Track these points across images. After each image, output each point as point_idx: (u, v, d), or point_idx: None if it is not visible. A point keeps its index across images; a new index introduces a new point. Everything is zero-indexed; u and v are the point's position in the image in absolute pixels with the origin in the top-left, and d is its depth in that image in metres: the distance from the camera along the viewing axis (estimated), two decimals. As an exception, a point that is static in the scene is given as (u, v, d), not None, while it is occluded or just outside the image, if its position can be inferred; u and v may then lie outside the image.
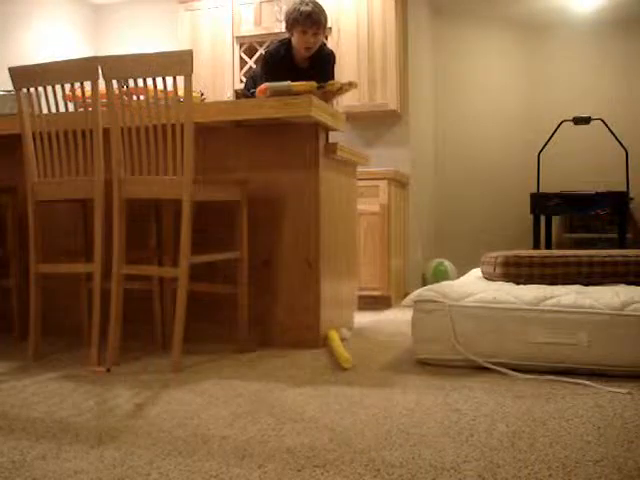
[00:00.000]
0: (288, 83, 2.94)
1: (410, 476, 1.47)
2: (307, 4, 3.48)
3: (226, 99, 5.21)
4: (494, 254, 3.06)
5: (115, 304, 2.70)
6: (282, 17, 4.19)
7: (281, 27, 4.64)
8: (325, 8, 3.60)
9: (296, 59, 3.63)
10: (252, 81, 3.91)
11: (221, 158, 3.18)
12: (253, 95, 3.59)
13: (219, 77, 5.37)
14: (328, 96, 3.22)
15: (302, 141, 3.08)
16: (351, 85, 3.22)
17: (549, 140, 5.46)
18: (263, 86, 3.00)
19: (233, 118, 2.96)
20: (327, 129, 3.17)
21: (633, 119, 5.96)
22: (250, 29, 5.30)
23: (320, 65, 3.66)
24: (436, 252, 6.14)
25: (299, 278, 3.09)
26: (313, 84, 2.99)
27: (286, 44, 3.62)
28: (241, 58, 5.35)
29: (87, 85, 2.71)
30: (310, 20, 3.46)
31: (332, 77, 3.69)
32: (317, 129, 3.06)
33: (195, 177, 2.63)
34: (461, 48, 6.34)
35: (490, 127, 6.32)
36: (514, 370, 2.46)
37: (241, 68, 5.35)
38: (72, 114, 2.80)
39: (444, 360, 2.59)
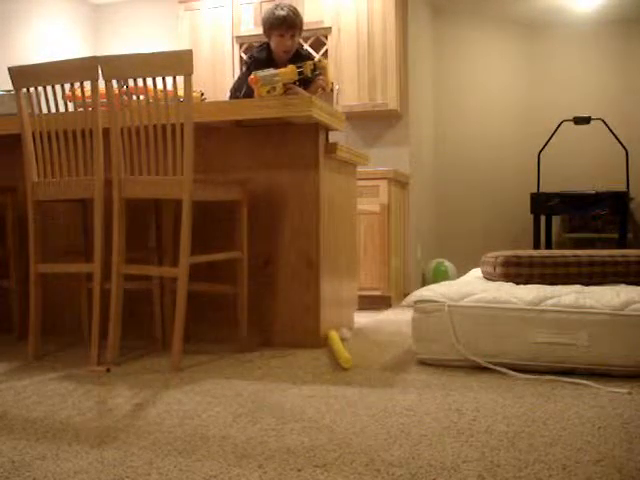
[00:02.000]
0: (274, 71, 3.16)
1: (410, 476, 1.46)
2: (282, 8, 3.59)
3: (226, 99, 5.21)
4: (494, 254, 3.06)
5: (115, 304, 2.70)
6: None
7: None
8: (325, 8, 3.62)
9: (276, 60, 3.72)
10: (238, 90, 3.94)
11: (221, 158, 3.18)
12: (246, 97, 3.63)
13: (219, 77, 5.37)
14: (314, 88, 3.49)
15: (302, 141, 3.08)
16: (321, 61, 3.50)
17: (549, 140, 5.46)
18: (252, 76, 3.13)
19: (233, 118, 2.96)
20: (327, 129, 3.17)
21: (633, 119, 5.96)
22: (250, 29, 5.30)
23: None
24: (436, 252, 6.14)
25: (299, 278, 3.09)
26: (293, 67, 3.21)
27: (266, 47, 3.75)
28: (241, 58, 5.34)
29: (87, 85, 2.71)
30: (285, 24, 3.56)
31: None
32: (317, 129, 3.06)
33: (195, 177, 2.63)
34: (461, 48, 6.34)
35: (490, 127, 6.32)
36: (514, 370, 2.45)
37: (241, 68, 5.34)
38: (72, 114, 2.80)
39: (444, 360, 2.59)
